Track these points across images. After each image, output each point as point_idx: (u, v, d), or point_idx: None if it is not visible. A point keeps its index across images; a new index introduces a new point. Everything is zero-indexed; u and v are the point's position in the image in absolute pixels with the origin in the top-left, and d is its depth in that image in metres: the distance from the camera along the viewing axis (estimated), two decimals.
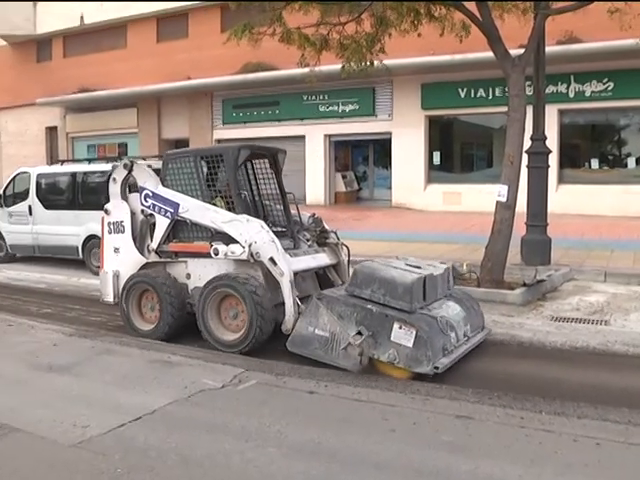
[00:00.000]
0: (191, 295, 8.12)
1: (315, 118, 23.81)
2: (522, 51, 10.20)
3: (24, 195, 14.83)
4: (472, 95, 20.89)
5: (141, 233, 8.52)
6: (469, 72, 20.05)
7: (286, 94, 24.06)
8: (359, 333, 6.44)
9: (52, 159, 30.28)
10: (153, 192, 8.25)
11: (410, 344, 6.23)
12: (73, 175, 14.03)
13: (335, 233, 8.71)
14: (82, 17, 29.51)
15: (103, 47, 29.38)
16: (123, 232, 8.51)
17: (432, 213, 20.61)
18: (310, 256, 8.20)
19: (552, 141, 14.20)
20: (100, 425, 5.06)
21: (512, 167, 9.96)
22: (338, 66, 11.53)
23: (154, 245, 8.35)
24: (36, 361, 6.92)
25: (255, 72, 23.62)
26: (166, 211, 8.14)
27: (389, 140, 22.78)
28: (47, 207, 14.40)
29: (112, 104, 28.70)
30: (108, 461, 4.46)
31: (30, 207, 14.61)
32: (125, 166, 8.60)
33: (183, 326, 8.14)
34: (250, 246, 7.33)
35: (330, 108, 23.56)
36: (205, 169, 8.15)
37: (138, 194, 8.47)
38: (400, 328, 6.30)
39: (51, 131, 32.51)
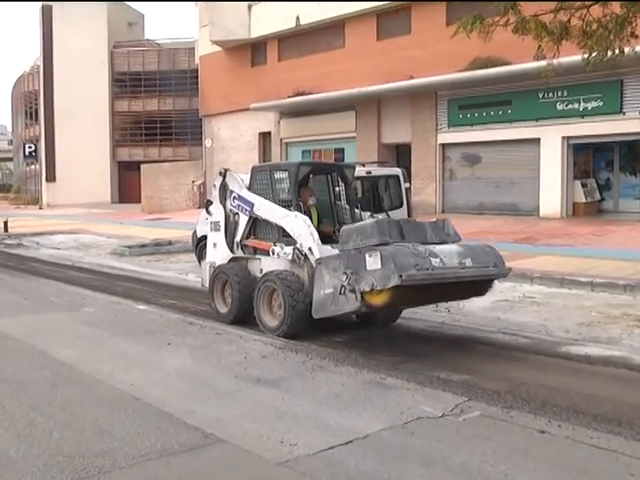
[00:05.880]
0: None
1: (552, 118, 22.90)
2: None
3: None
4: None
5: (231, 231, 10.50)
6: None
7: (519, 92, 23.47)
8: (345, 274, 7.91)
9: None
10: (238, 194, 10.37)
11: (379, 265, 7.61)
12: None
13: None
14: (298, 18, 30.82)
15: (319, 48, 30.49)
16: (219, 230, 10.71)
17: None
18: None
19: None
20: (308, 445, 5.19)
21: None
22: (579, 57, 11.03)
23: (237, 239, 10.38)
24: (245, 373, 7.28)
25: (484, 68, 23.21)
26: (245, 209, 10.22)
27: (639, 142, 21.45)
28: None
29: (329, 107, 29.72)
30: None
31: None
32: (220, 174, 10.84)
33: (251, 313, 9.59)
34: (296, 245, 9.09)
35: (569, 106, 22.50)
36: (290, 180, 9.96)
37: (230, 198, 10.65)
38: (370, 257, 7.73)
39: (264, 137, 34.32)
